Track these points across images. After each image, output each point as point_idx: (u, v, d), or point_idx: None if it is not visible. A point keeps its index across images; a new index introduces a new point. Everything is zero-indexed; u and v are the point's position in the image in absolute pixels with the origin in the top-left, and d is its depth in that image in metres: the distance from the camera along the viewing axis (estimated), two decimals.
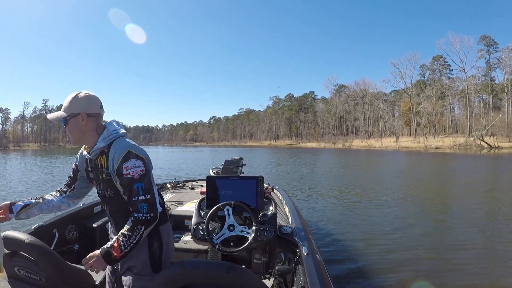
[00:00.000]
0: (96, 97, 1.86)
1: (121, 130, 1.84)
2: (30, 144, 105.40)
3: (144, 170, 1.68)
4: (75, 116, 1.78)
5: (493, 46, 66.47)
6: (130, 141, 1.78)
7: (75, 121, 1.80)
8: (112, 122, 1.88)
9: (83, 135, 1.83)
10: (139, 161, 1.67)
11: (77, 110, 1.78)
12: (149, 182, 1.69)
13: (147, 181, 1.68)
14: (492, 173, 17.86)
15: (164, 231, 1.89)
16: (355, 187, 12.08)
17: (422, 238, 5.98)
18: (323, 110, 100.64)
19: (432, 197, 10.48)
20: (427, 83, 76.06)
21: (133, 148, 1.71)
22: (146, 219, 1.64)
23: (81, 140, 1.86)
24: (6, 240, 1.86)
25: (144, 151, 1.76)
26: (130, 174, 1.65)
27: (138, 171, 1.66)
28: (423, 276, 4.27)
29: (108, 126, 1.84)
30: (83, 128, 1.80)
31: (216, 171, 4.82)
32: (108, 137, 1.79)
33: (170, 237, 1.95)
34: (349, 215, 7.66)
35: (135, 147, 1.73)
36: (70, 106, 1.79)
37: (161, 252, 1.85)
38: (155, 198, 1.71)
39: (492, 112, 61.32)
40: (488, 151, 40.79)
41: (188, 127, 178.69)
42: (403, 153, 42.61)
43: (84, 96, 1.81)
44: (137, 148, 1.73)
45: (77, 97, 1.80)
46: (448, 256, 5.02)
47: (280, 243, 2.60)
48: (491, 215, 7.84)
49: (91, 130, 1.82)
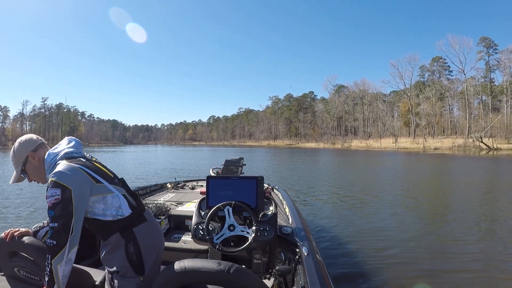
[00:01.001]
0: (25, 136, 1.98)
1: (60, 154, 1.86)
2: None
3: (59, 198, 1.65)
4: (26, 161, 1.92)
5: (492, 47, 66.57)
6: (62, 165, 1.76)
7: (30, 165, 1.92)
8: (49, 153, 1.90)
9: (44, 171, 1.91)
10: (57, 190, 1.66)
11: (23, 155, 1.91)
12: (61, 210, 1.65)
13: (59, 209, 1.64)
14: (490, 174, 17.87)
15: (139, 232, 1.87)
16: (355, 187, 12.08)
17: (422, 238, 5.98)
18: (322, 110, 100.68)
19: (432, 198, 10.48)
20: (426, 84, 76.10)
21: (57, 175, 1.70)
22: (49, 245, 1.62)
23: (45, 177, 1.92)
24: (6, 240, 1.86)
25: (72, 173, 1.73)
26: (47, 202, 1.67)
27: (53, 199, 1.65)
28: (424, 276, 4.27)
29: (46, 159, 1.88)
30: (39, 165, 1.91)
31: (216, 171, 4.83)
32: (49, 168, 1.84)
33: (148, 237, 1.90)
34: (349, 215, 7.67)
35: (60, 174, 1.71)
36: (17, 158, 1.92)
37: (139, 254, 1.83)
38: (66, 226, 1.64)
39: (491, 113, 61.41)
40: (487, 153, 40.82)
41: (187, 126, 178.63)
42: (402, 154, 42.62)
43: (18, 144, 1.93)
44: (61, 174, 1.70)
45: (14, 149, 1.92)
46: (448, 257, 5.01)
47: (280, 243, 2.60)
48: (490, 216, 7.84)
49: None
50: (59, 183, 1.67)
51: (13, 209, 8.35)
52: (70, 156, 1.86)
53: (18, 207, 8.53)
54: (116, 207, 1.82)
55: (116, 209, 1.82)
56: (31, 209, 8.33)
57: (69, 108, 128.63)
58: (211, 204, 2.53)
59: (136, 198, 1.98)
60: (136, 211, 1.91)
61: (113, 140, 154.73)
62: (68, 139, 1.97)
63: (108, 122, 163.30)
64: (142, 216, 1.94)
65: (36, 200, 9.41)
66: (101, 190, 1.81)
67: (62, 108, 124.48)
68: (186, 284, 1.37)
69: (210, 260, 1.34)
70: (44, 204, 8.84)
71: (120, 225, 1.83)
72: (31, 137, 1.96)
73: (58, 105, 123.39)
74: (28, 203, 9.00)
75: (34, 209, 8.32)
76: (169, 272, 1.44)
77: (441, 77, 76.01)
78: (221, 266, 1.32)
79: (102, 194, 1.81)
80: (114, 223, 1.82)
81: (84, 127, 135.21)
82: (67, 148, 1.88)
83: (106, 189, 1.83)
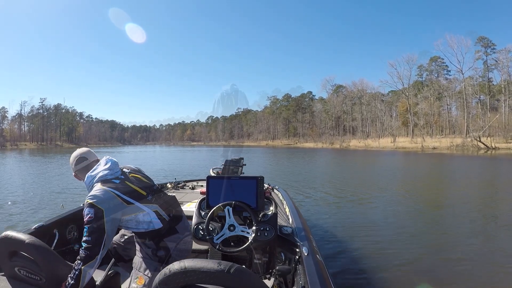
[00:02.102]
0: (74, 156, 2.43)
1: (96, 177, 2.19)
2: (27, 143, 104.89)
3: (92, 217, 1.96)
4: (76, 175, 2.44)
5: (490, 47, 66.72)
6: (97, 188, 2.10)
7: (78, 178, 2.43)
8: (88, 175, 2.24)
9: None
10: (91, 209, 1.97)
11: (73, 172, 2.46)
12: (94, 227, 1.95)
13: (92, 226, 1.95)
14: (489, 173, 17.90)
15: (170, 243, 2.25)
16: (355, 187, 12.08)
17: (422, 238, 5.99)
18: (321, 110, 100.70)
19: (431, 198, 10.49)
20: (424, 83, 76.19)
21: (92, 197, 2.02)
22: (82, 255, 1.89)
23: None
24: (6, 240, 1.86)
25: (104, 196, 2.05)
26: (84, 219, 1.98)
27: (88, 217, 1.96)
28: (424, 275, 4.28)
29: (85, 181, 2.26)
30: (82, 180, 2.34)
31: (217, 171, 4.82)
32: (88, 189, 2.20)
33: (179, 245, 2.29)
34: (350, 215, 7.67)
35: (94, 197, 2.03)
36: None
37: (169, 258, 2.20)
38: (98, 241, 1.94)
39: (489, 113, 61.51)
40: (485, 152, 40.91)
41: (186, 126, 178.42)
42: (400, 154, 42.69)
43: (71, 161, 2.43)
44: (95, 197, 2.03)
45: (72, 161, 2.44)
46: (449, 256, 5.01)
47: (280, 243, 2.60)
48: (489, 215, 7.87)
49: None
50: (93, 204, 1.98)
51: (13, 209, 8.35)
52: (104, 179, 2.16)
53: (18, 207, 8.53)
54: (148, 222, 2.18)
55: (148, 223, 2.18)
56: (32, 209, 8.33)
57: (68, 108, 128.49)
58: (211, 204, 2.53)
59: (172, 207, 2.41)
60: (167, 224, 2.26)
61: (112, 141, 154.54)
62: (106, 160, 2.27)
63: (107, 123, 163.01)
64: (173, 229, 2.30)
65: (36, 200, 9.42)
66: (132, 210, 2.15)
67: (61, 108, 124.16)
68: (186, 284, 1.36)
69: (210, 260, 1.33)
70: (44, 204, 8.89)
71: (153, 235, 2.21)
72: (73, 160, 2.41)
73: (57, 105, 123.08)
74: (29, 203, 9.01)
75: (34, 209, 8.32)
76: (169, 272, 1.44)
77: (439, 77, 76.16)
78: (221, 266, 1.32)
79: (133, 213, 2.16)
80: (147, 233, 2.20)
81: (82, 128, 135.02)
82: (103, 171, 2.19)
83: (137, 209, 2.16)
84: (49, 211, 7.91)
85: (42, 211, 8.02)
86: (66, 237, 3.04)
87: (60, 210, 3.44)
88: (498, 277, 4.32)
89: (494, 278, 4.30)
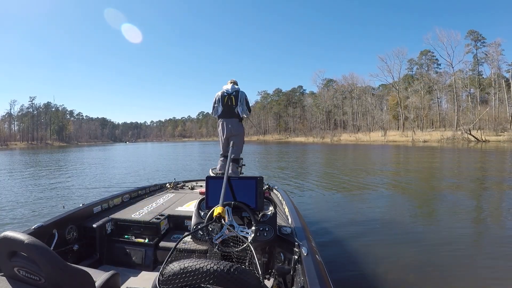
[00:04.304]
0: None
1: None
2: (17, 143, 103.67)
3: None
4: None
5: (480, 40, 67.37)
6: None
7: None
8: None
9: None
10: None
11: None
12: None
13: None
14: (479, 165, 18.08)
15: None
16: (355, 187, 12.05)
17: (422, 238, 5.96)
18: (311, 104, 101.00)
19: (431, 195, 10.56)
20: (415, 77, 76.75)
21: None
22: None
23: None
24: (5, 240, 1.85)
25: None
26: None
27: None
28: (424, 275, 4.31)
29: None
30: None
31: (216, 172, 4.83)
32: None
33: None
34: (350, 215, 7.63)
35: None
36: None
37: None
38: None
39: (480, 106, 62.22)
40: (475, 145, 41.29)
41: (177, 123, 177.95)
42: (391, 147, 42.86)
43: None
44: None
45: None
46: (449, 255, 5.01)
47: (280, 243, 2.60)
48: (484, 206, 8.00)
49: None
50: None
51: (13, 209, 8.30)
52: None
53: (19, 208, 8.48)
54: None
55: None
56: (32, 209, 8.30)
57: (57, 107, 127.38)
58: (210, 205, 2.52)
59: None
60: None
61: (102, 138, 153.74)
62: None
63: (97, 120, 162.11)
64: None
65: (36, 200, 9.38)
66: None
67: (50, 107, 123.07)
68: (185, 284, 1.37)
69: (209, 260, 1.34)
70: (44, 204, 8.84)
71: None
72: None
73: (46, 104, 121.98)
74: (29, 204, 8.97)
75: (34, 209, 8.28)
76: (169, 272, 1.44)
77: (429, 70, 76.71)
78: (221, 266, 1.33)
79: None
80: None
81: (72, 126, 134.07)
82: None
83: None
84: (49, 211, 7.89)
85: (42, 211, 7.99)
86: (66, 237, 3.03)
87: (60, 210, 3.44)
88: (495, 267, 4.38)
89: (495, 270, 4.37)
